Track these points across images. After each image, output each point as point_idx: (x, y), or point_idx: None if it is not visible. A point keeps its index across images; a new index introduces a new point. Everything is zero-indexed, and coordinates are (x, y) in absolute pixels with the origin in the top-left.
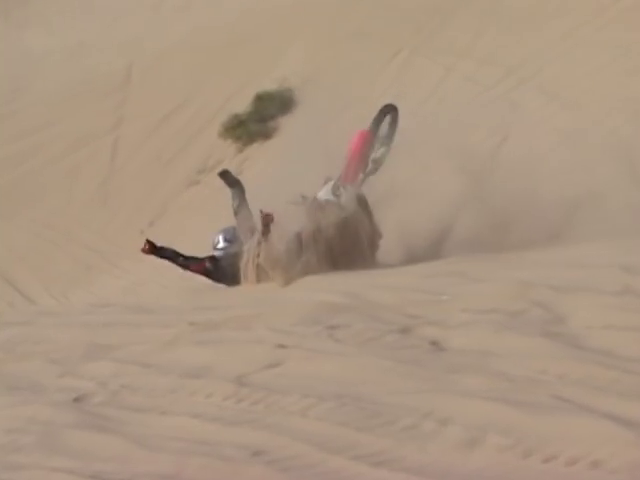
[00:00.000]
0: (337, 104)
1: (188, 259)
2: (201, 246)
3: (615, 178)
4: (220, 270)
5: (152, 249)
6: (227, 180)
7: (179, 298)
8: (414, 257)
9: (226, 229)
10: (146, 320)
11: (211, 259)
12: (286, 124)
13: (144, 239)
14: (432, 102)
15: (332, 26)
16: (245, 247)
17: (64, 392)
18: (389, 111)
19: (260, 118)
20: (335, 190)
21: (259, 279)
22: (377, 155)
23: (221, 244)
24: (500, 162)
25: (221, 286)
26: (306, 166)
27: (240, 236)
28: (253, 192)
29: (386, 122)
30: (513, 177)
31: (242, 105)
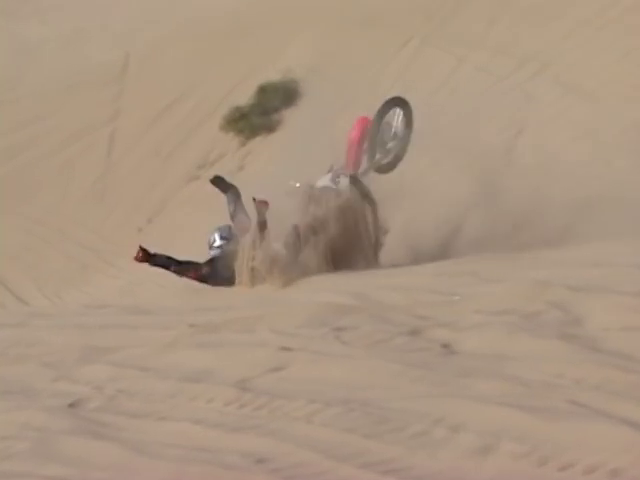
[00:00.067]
0: (344, 96)
1: (183, 265)
2: (201, 244)
3: (634, 173)
4: (217, 273)
5: (145, 256)
6: (220, 186)
7: (178, 299)
8: (423, 256)
9: (221, 227)
10: (144, 322)
11: (208, 264)
12: (290, 117)
13: (138, 245)
14: (443, 94)
15: (339, 14)
16: (239, 247)
17: (58, 397)
18: (396, 104)
19: (263, 111)
20: (334, 178)
21: (253, 282)
22: (388, 159)
23: (217, 242)
24: (514, 157)
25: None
26: (311, 161)
27: (237, 234)
28: (256, 188)
29: (399, 119)
30: (527, 172)
31: (244, 97)
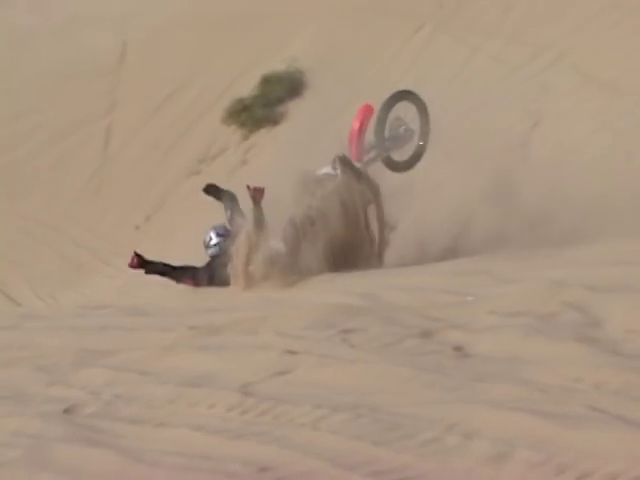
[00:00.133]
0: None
1: (179, 271)
2: (202, 243)
3: None
4: (214, 273)
5: (140, 263)
6: (214, 194)
7: (178, 299)
8: (434, 255)
9: (217, 226)
10: (142, 323)
11: (205, 268)
12: (295, 109)
13: (133, 251)
14: (456, 84)
15: (347, 1)
16: (234, 247)
17: (53, 402)
18: (405, 98)
19: (267, 102)
20: (333, 163)
21: (250, 284)
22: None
23: (214, 240)
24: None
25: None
26: (318, 154)
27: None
28: (259, 184)
29: (413, 115)
30: (543, 167)
31: (247, 88)
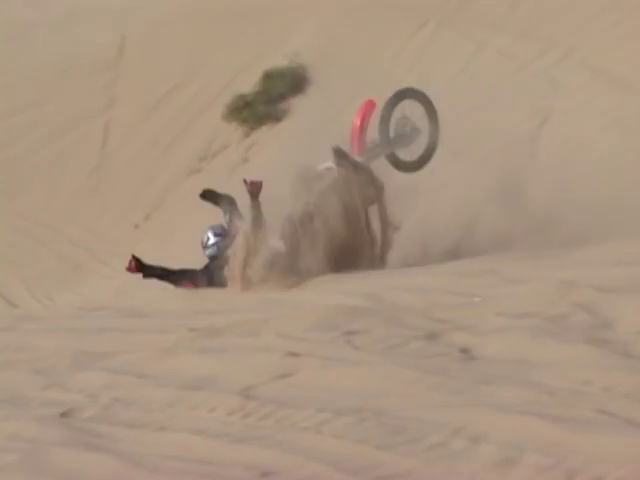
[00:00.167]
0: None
1: (178, 275)
2: (199, 244)
3: None
4: (214, 278)
5: (138, 267)
6: (211, 200)
7: (178, 301)
8: (439, 255)
9: (214, 226)
10: (141, 325)
11: (204, 270)
12: (298, 105)
13: (131, 254)
14: (462, 80)
15: None
16: (230, 250)
17: (50, 406)
18: (409, 96)
19: (269, 98)
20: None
21: (247, 286)
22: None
23: (212, 240)
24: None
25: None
26: (321, 152)
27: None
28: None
29: (418, 114)
30: (552, 165)
31: (249, 84)
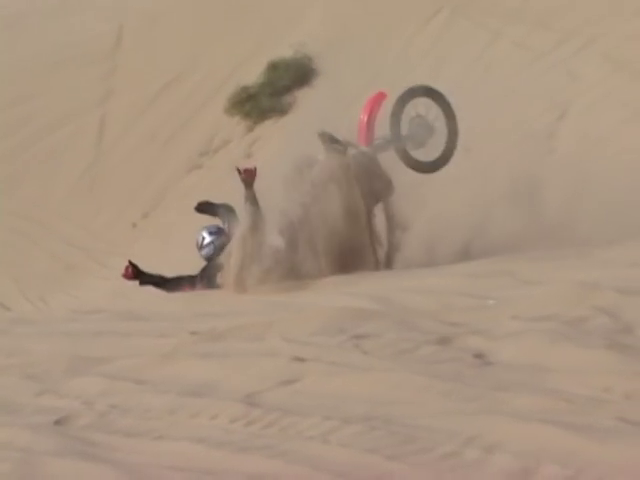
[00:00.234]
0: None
1: (175, 282)
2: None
3: None
4: (211, 281)
5: (135, 274)
6: (208, 211)
7: (178, 303)
8: (451, 256)
9: (208, 225)
10: (139, 329)
11: (201, 276)
12: (304, 98)
13: (127, 260)
14: (476, 72)
15: None
16: (223, 256)
17: (43, 413)
18: (423, 94)
19: (273, 91)
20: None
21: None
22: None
23: (207, 239)
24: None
25: None
26: None
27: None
28: (265, 178)
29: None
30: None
31: (252, 75)
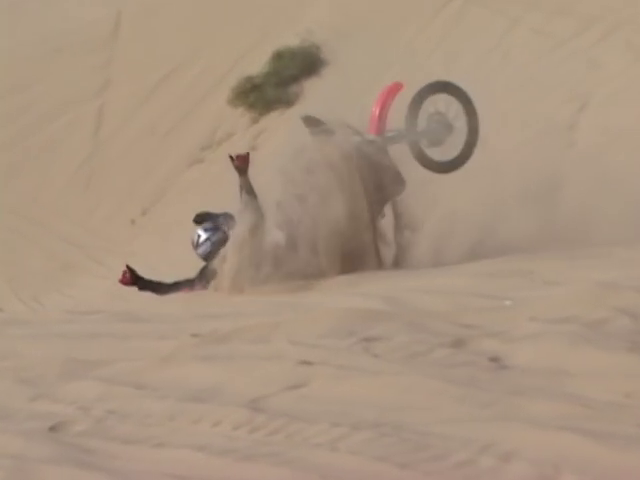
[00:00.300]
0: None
1: (174, 287)
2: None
3: None
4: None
5: (132, 279)
6: (207, 222)
7: (178, 304)
8: (465, 254)
9: (203, 224)
10: (138, 330)
11: (199, 278)
12: (311, 88)
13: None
14: (493, 61)
15: None
16: (216, 262)
17: (38, 419)
18: (443, 90)
19: (279, 81)
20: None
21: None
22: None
23: (203, 236)
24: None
25: None
26: None
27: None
28: (266, 172)
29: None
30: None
31: (257, 65)
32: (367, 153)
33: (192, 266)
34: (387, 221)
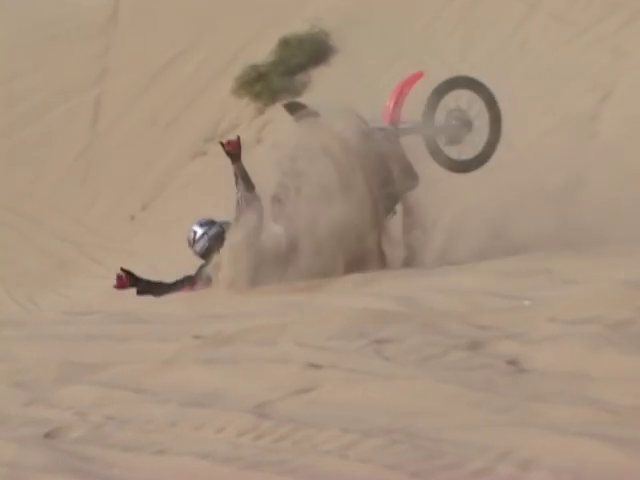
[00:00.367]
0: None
1: (175, 286)
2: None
3: None
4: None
5: (129, 281)
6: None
7: (180, 304)
8: (482, 252)
9: (197, 219)
10: (138, 332)
11: (198, 275)
12: (320, 77)
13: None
14: (510, 48)
15: None
16: (213, 261)
17: (32, 425)
18: (466, 86)
19: (286, 70)
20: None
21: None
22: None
23: (199, 231)
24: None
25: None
26: None
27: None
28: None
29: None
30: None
31: (262, 53)
32: (373, 142)
33: (195, 265)
34: (396, 219)
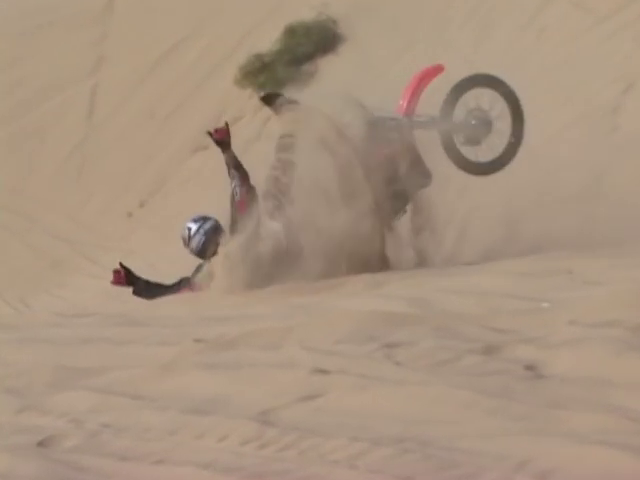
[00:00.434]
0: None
1: (172, 287)
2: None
3: None
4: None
5: (126, 278)
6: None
7: (180, 306)
8: (498, 252)
9: (192, 216)
10: (136, 335)
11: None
12: (327, 66)
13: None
14: (528, 37)
15: None
16: (204, 268)
17: (25, 433)
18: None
19: (292, 59)
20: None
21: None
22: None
23: (194, 227)
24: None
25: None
26: None
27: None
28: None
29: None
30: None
31: (267, 41)
32: (379, 132)
33: (195, 264)
34: (404, 219)
